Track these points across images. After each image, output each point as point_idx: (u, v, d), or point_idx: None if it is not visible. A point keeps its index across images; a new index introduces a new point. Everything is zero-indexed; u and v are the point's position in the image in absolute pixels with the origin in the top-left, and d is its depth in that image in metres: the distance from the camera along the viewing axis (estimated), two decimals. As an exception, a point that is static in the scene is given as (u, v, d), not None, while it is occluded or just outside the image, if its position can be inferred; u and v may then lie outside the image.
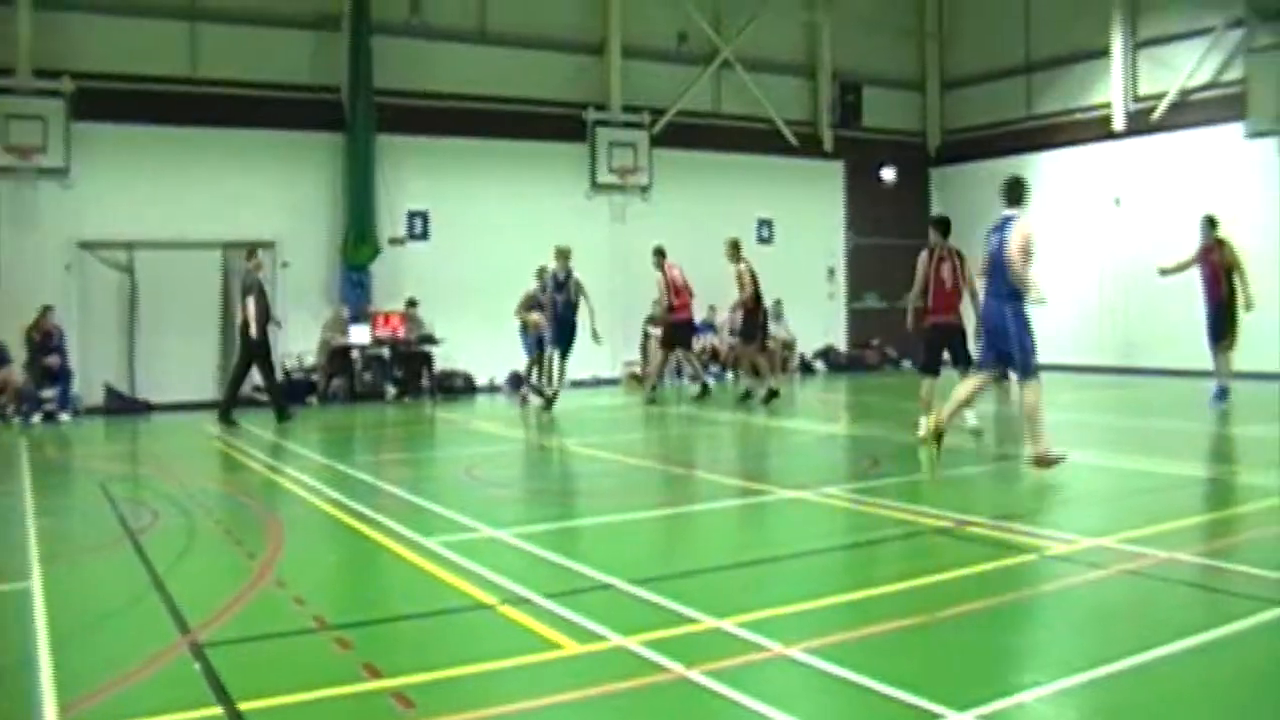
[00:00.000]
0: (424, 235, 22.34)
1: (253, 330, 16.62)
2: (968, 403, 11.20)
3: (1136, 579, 6.98)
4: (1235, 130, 21.67)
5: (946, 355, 13.45)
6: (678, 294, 19.36)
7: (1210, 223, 16.59)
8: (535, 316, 19.37)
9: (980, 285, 11.58)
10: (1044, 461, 10.48)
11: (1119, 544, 7.74)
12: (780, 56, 27.11)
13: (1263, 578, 6.78)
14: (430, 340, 21.20)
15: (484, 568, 7.21)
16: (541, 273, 19.38)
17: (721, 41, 25.80)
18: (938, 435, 10.75)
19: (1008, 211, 10.80)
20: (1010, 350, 10.62)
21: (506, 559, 7.68)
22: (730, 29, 26.01)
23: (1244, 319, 16.25)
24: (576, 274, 18.68)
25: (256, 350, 16.87)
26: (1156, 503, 9.62)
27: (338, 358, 20.82)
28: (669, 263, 19.49)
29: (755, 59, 26.36)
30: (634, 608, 6.38)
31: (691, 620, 6.01)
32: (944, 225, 13.84)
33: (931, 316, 13.45)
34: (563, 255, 18.47)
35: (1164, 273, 16.64)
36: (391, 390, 21.15)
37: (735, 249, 18.99)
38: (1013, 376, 10.97)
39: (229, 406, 17.01)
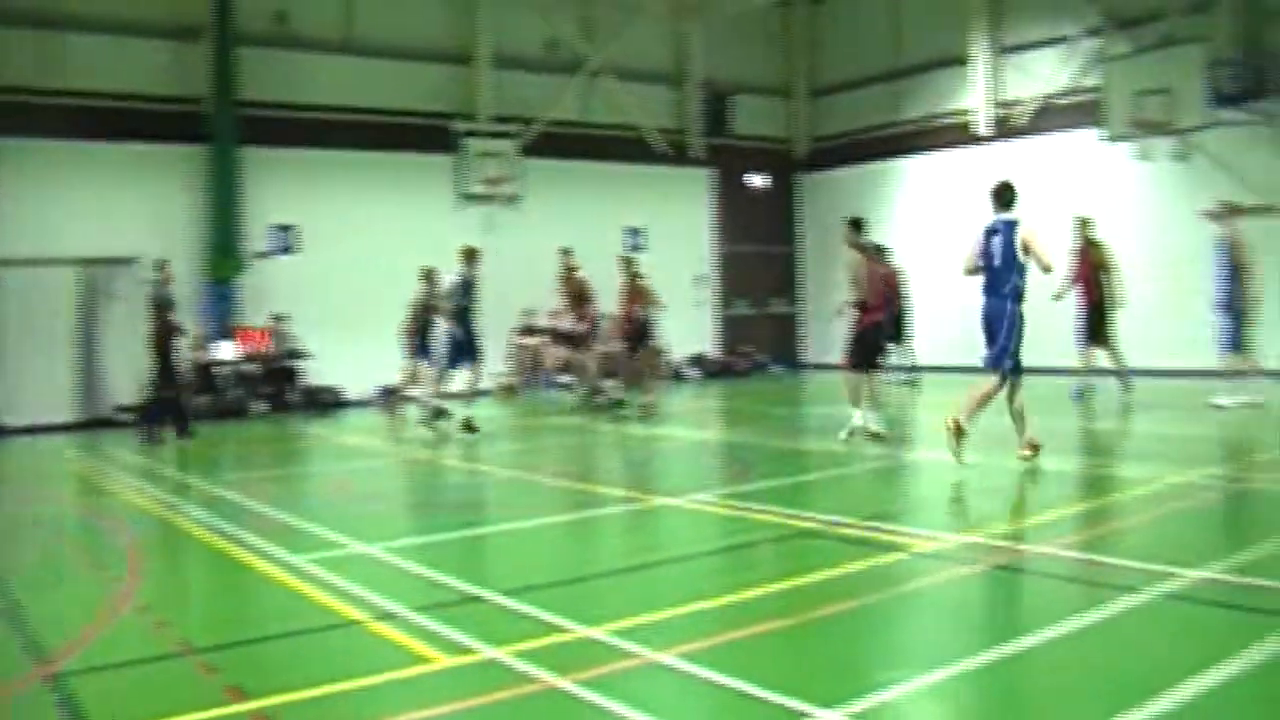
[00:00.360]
0: (292, 249, 21.93)
1: (177, 346, 16.69)
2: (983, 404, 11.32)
3: (1004, 573, 7.15)
4: (1093, 135, 22.23)
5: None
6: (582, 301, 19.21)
7: (1083, 224, 17.09)
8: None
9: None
10: (1034, 447, 10.99)
11: (988, 539, 7.93)
12: (649, 65, 27.24)
13: (1126, 567, 7.01)
14: (298, 355, 20.93)
15: (353, 584, 7.13)
16: (429, 275, 19.00)
17: (591, 50, 25.84)
18: (958, 432, 10.99)
19: (1004, 216, 11.10)
20: (992, 342, 10.99)
21: (376, 574, 7.60)
22: (599, 37, 26.07)
23: (1117, 317, 16.83)
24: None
25: (168, 365, 16.59)
26: (1026, 498, 9.86)
27: (202, 374, 20.39)
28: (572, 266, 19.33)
29: (624, 67, 26.45)
30: (505, 619, 6.36)
31: (563, 630, 6.01)
32: (860, 225, 14.10)
33: (870, 315, 13.76)
34: (470, 256, 17.21)
35: (1058, 298, 16.69)
36: (259, 406, 20.80)
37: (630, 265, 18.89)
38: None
39: (185, 423, 16.74)
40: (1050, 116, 24.10)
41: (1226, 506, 9.36)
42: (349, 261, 21.71)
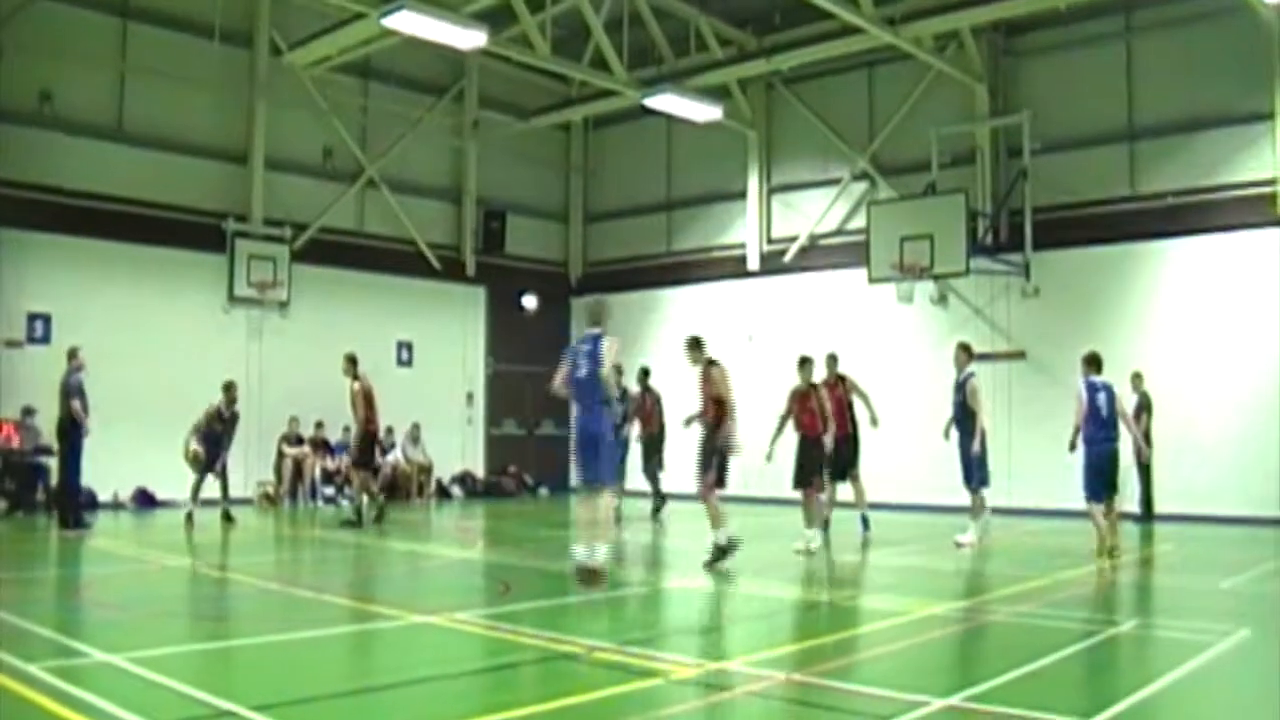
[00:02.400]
0: (45, 339, 20.85)
1: (85, 428, 16.73)
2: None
3: (756, 699, 7.24)
4: (860, 275, 23.20)
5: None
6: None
7: (833, 359, 17.67)
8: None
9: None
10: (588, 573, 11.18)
11: (743, 666, 8.03)
12: (426, 179, 27.35)
13: (870, 694, 7.18)
14: (48, 451, 19.87)
15: (94, 695, 6.79)
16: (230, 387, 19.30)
17: (367, 160, 25.81)
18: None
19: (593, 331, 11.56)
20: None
21: (119, 685, 7.24)
22: (376, 148, 26.08)
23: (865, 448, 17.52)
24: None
25: (75, 448, 16.44)
26: (781, 626, 10.07)
27: (-66, 468, 19.34)
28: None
29: (401, 180, 26.51)
30: (256, 737, 6.15)
31: (316, 749, 5.84)
32: (700, 343, 14.13)
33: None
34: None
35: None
36: (1, 504, 19.74)
37: (352, 363, 18.74)
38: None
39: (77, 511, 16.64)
40: (819, 254, 25.16)
41: (969, 637, 9.71)
42: (109, 357, 20.52)
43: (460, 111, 27.75)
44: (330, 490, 23.44)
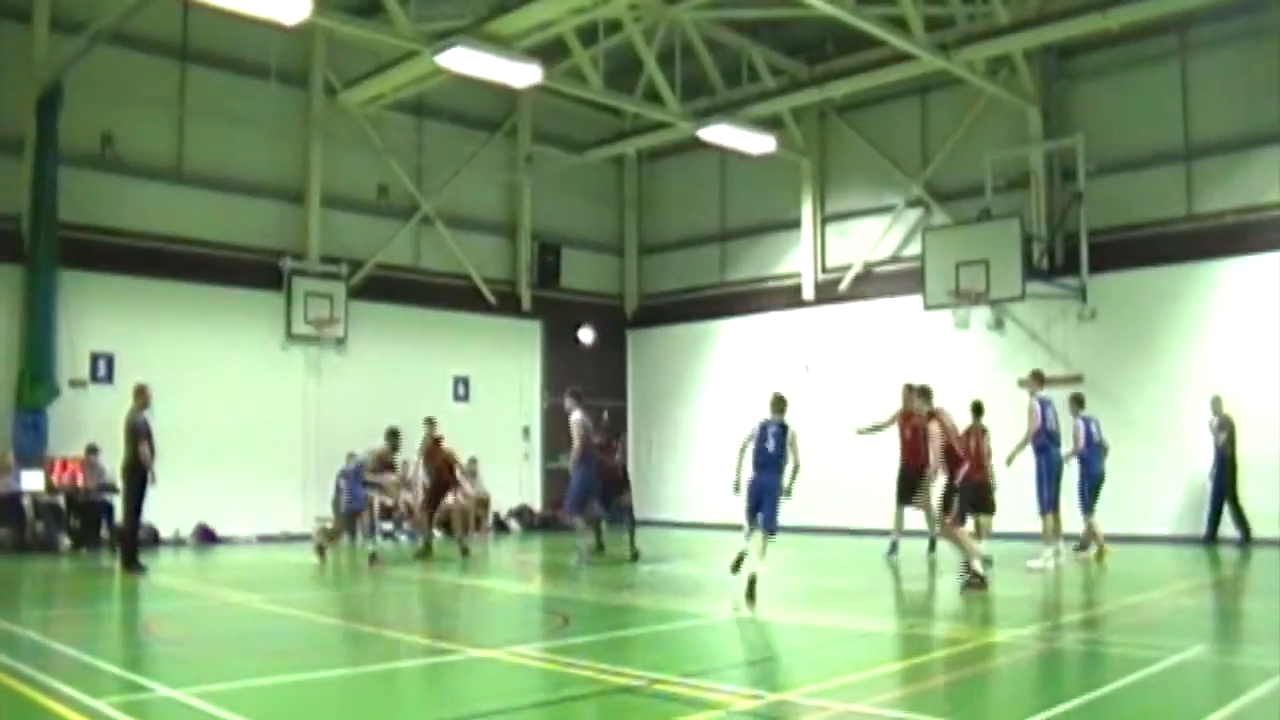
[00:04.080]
0: (109, 378, 21.22)
1: (151, 473, 16.65)
2: None
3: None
4: (915, 302, 23.09)
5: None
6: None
7: (921, 392, 17.70)
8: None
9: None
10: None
11: (802, 698, 7.96)
12: (481, 214, 27.54)
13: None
14: (112, 489, 20.04)
15: (159, 730, 6.84)
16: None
17: (422, 197, 26.01)
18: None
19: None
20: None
21: (183, 720, 7.30)
22: (431, 185, 26.28)
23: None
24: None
25: (139, 491, 16.51)
26: (840, 656, 9.95)
27: (6, 506, 19.54)
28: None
29: (456, 215, 26.69)
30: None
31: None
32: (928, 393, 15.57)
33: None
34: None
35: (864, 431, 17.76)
36: (66, 542, 19.97)
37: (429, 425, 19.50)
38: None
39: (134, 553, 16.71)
40: (874, 283, 25.09)
41: (1034, 665, 9.58)
42: (169, 394, 20.71)
43: (514, 146, 27.93)
44: (388, 525, 23.46)
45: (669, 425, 28.71)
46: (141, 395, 16.87)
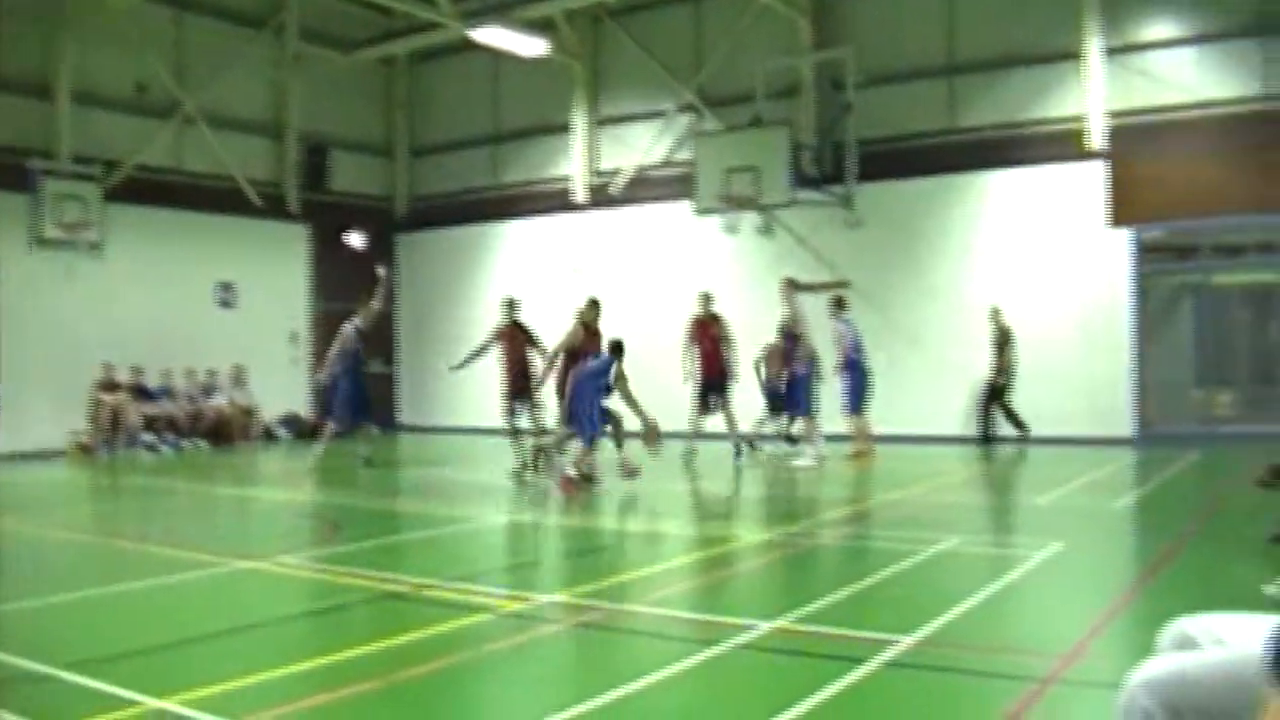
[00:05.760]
0: None
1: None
2: None
3: (590, 631, 7.26)
4: (687, 206, 23.26)
5: None
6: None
7: (704, 299, 18.16)
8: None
9: None
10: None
11: (574, 598, 8.05)
12: (246, 114, 26.53)
13: (707, 621, 7.36)
14: None
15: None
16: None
17: (184, 94, 24.91)
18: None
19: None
20: None
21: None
22: (193, 82, 25.18)
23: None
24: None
25: None
26: (611, 558, 10.08)
27: None
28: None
29: (220, 115, 25.65)
30: (70, 694, 5.91)
31: (132, 703, 5.63)
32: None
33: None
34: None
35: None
36: None
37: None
38: None
39: None
40: (646, 187, 25.18)
41: (796, 562, 9.87)
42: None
43: (281, 44, 26.92)
44: (150, 437, 22.71)
45: (441, 330, 28.37)
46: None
